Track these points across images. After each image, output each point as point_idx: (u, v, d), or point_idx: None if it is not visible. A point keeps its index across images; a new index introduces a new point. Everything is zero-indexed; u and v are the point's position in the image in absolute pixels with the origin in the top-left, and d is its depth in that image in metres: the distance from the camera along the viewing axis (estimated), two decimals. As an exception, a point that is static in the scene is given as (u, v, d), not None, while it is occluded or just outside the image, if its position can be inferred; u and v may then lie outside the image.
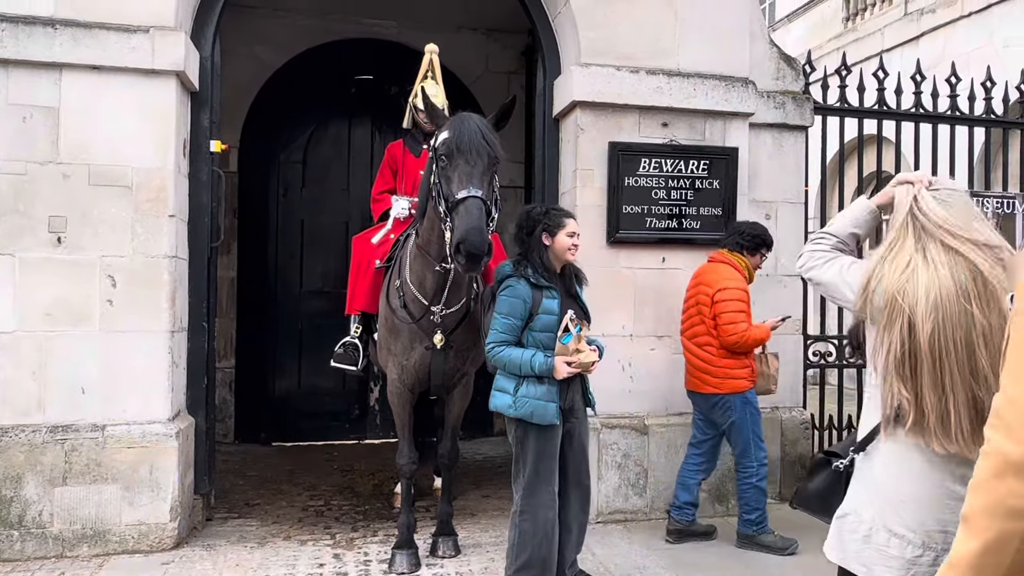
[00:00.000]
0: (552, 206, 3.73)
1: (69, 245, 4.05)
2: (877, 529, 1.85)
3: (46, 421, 4.03)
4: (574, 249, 3.42)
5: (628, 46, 4.74)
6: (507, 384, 3.34)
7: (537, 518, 3.29)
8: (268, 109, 6.91)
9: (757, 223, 4.52)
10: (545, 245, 3.37)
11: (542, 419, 3.26)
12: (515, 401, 3.28)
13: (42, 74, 4.04)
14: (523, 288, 3.29)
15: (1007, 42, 8.49)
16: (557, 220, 3.39)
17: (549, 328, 3.30)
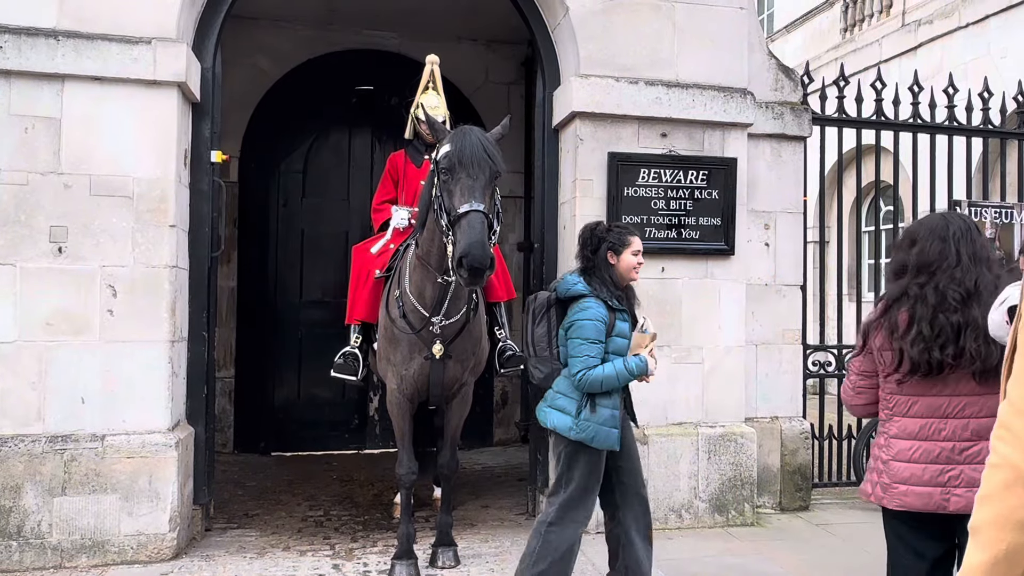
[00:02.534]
0: (616, 223, 3.62)
1: (70, 255, 4.06)
2: None
3: (46, 431, 4.02)
4: (639, 267, 3.37)
5: (627, 57, 4.77)
6: (567, 404, 3.25)
7: (566, 533, 3.25)
8: (269, 119, 6.93)
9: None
10: (610, 264, 3.31)
11: (603, 444, 3.21)
12: (577, 424, 3.20)
13: (44, 85, 4.06)
14: (602, 310, 3.21)
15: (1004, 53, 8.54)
16: (622, 238, 3.32)
17: (620, 352, 3.24)
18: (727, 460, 4.83)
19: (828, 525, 4.93)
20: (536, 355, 3.42)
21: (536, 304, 3.46)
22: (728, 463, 4.83)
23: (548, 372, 3.39)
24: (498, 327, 4.58)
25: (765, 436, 5.16)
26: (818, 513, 5.18)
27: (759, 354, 5.26)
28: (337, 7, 6.59)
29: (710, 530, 4.73)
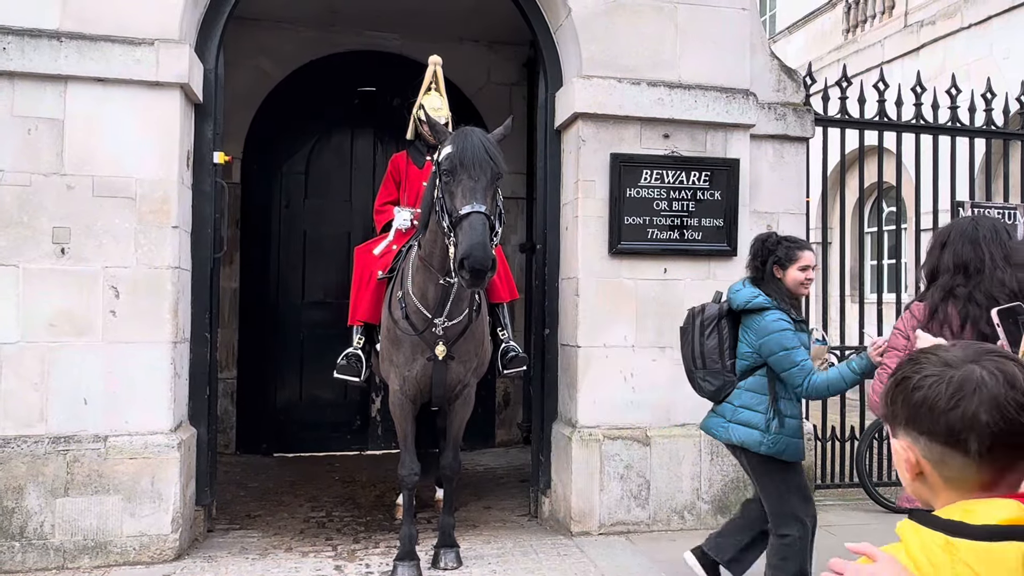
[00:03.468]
0: (787, 237, 3.43)
1: (72, 256, 4.07)
2: None
3: (48, 432, 4.02)
4: (807, 283, 3.29)
5: (629, 58, 4.77)
6: (753, 418, 3.20)
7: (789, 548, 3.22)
8: (271, 121, 6.94)
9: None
10: (776, 277, 3.26)
11: (793, 456, 3.21)
12: (765, 438, 3.17)
13: (47, 86, 4.07)
14: (787, 319, 3.18)
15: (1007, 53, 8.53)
16: (789, 253, 3.25)
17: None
18: (730, 462, 4.80)
19: (830, 526, 4.91)
20: (705, 367, 3.36)
21: (704, 316, 3.39)
22: (731, 464, 4.80)
23: (720, 385, 3.34)
24: (501, 328, 4.58)
25: (768, 437, 5.14)
26: (821, 515, 5.07)
27: (761, 355, 5.24)
28: (339, 8, 6.59)
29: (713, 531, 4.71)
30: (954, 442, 1.13)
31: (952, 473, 1.16)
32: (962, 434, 1.12)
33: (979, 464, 1.13)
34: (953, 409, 1.12)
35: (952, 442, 1.13)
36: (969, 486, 1.15)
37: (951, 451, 1.14)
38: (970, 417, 1.11)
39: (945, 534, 1.11)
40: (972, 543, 1.08)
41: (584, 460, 4.59)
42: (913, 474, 1.20)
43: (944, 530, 1.11)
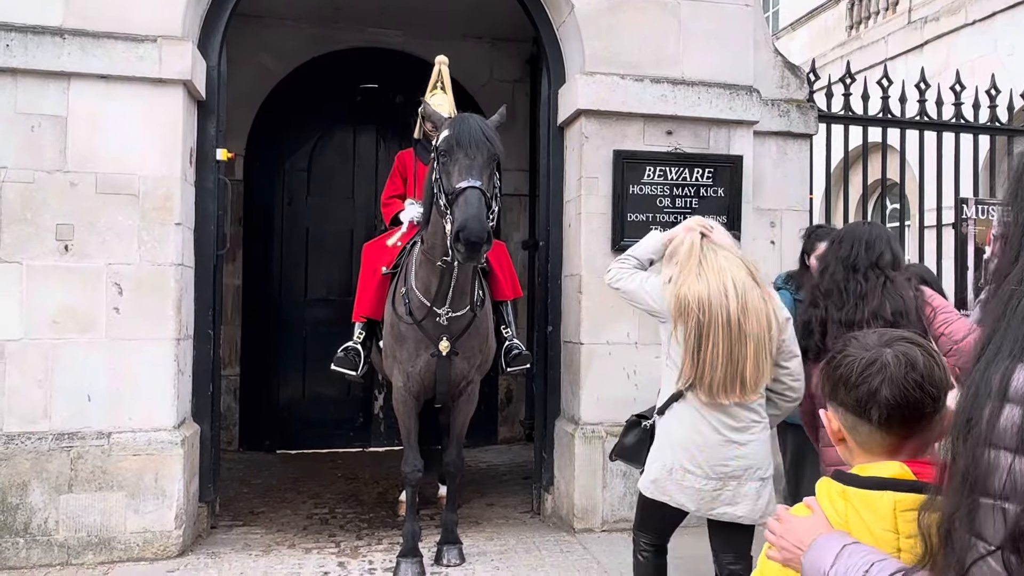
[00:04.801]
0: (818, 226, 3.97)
1: (76, 253, 4.07)
2: (675, 468, 2.68)
3: (52, 428, 4.03)
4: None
5: (632, 54, 4.76)
6: None
7: None
8: (273, 118, 6.94)
9: None
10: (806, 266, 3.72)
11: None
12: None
13: (50, 83, 4.07)
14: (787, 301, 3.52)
15: (1011, 50, 8.50)
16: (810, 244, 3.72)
17: None
18: (732, 458, 4.81)
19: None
20: None
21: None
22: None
23: None
24: (505, 326, 4.58)
25: (772, 435, 5.13)
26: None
27: (765, 352, 5.24)
28: (342, 5, 6.58)
29: (715, 528, 4.71)
30: (861, 411, 1.37)
31: (862, 439, 1.40)
32: (867, 405, 1.36)
33: (882, 431, 1.37)
34: (861, 384, 1.36)
35: (859, 411, 1.37)
36: (877, 450, 1.38)
37: (860, 420, 1.38)
38: (873, 391, 1.35)
39: (842, 484, 1.36)
40: (858, 491, 1.33)
41: (587, 457, 4.59)
42: (836, 439, 1.45)
43: (841, 481, 1.37)
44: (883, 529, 1.28)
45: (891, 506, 1.29)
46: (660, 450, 2.76)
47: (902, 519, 1.27)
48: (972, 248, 5.58)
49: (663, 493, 2.72)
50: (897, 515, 1.28)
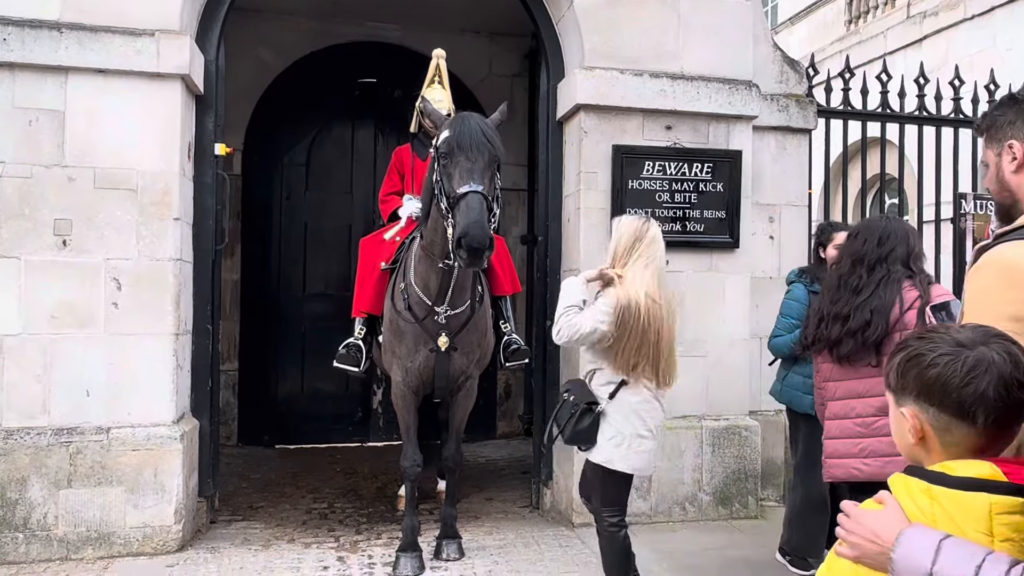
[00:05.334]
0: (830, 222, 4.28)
1: (74, 248, 4.06)
2: (632, 437, 3.17)
3: (51, 424, 4.03)
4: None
5: (632, 49, 4.75)
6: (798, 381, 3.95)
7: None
8: (272, 112, 6.92)
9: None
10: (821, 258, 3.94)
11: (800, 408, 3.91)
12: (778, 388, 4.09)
13: (48, 77, 4.05)
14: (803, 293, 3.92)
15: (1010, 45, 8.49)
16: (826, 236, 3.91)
17: None
18: (731, 453, 4.83)
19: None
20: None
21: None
22: (732, 456, 4.83)
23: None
24: (503, 321, 4.58)
25: (769, 429, 5.15)
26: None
27: (763, 347, 5.23)
28: (340, -1, 6.56)
29: (714, 523, 4.73)
30: (963, 414, 1.30)
31: (953, 440, 1.33)
32: (972, 408, 1.29)
33: (978, 433, 1.31)
34: (966, 386, 1.29)
35: (961, 414, 1.30)
36: (963, 451, 1.33)
37: (959, 422, 1.31)
38: (980, 394, 1.28)
39: (928, 482, 1.30)
40: (948, 490, 1.27)
41: (586, 452, 4.59)
42: (917, 439, 1.36)
43: (927, 479, 1.30)
44: (976, 531, 1.23)
45: (986, 508, 1.24)
46: (617, 425, 3.18)
47: (998, 521, 1.23)
48: (970, 243, 5.59)
49: (625, 462, 3.19)
50: (993, 517, 1.23)
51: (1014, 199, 1.69)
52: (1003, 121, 1.72)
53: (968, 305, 1.58)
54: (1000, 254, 1.57)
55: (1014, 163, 1.68)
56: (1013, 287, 1.50)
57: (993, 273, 1.56)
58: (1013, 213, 1.70)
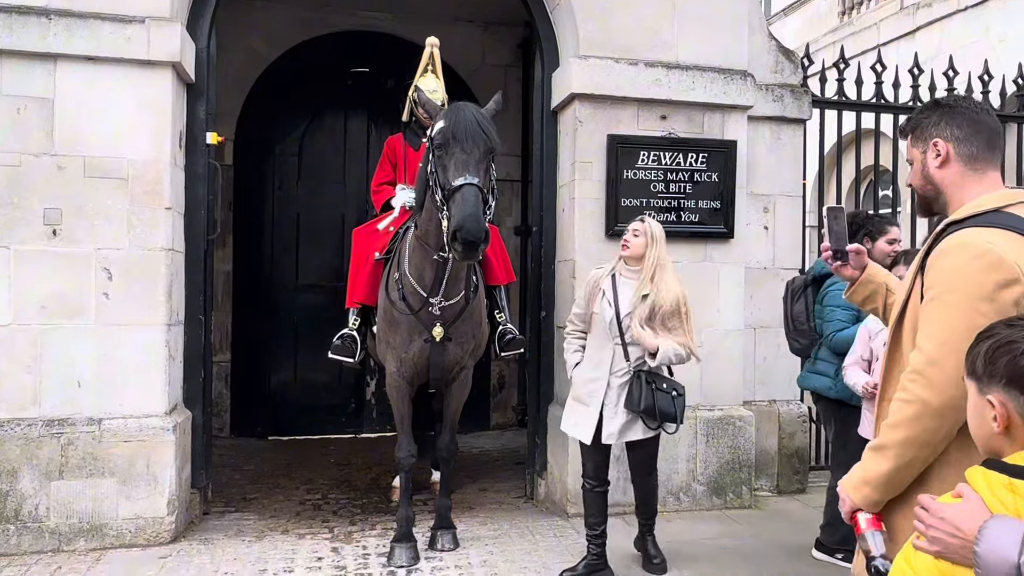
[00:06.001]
0: (876, 213, 4.14)
1: (64, 237, 4.02)
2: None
3: (42, 415, 4.00)
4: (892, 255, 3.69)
5: (627, 38, 4.72)
6: (827, 368, 3.84)
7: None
8: (263, 102, 6.87)
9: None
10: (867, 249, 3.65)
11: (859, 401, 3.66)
12: (836, 384, 3.78)
13: (36, 64, 4.00)
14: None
15: (1003, 36, 8.50)
16: (880, 227, 3.77)
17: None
18: (725, 443, 4.83)
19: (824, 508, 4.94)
20: (795, 329, 4.15)
21: (794, 285, 4.21)
22: (726, 446, 4.83)
23: (807, 344, 4.08)
24: (498, 311, 4.56)
25: (763, 419, 5.17)
26: (815, 496, 5.18)
27: (757, 338, 5.26)
28: (332, -13, 6.51)
29: (708, 512, 4.74)
30: None
31: None
32: None
33: None
34: None
35: None
36: None
37: None
38: None
39: (1010, 476, 1.28)
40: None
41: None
42: (1002, 427, 1.35)
43: (1010, 473, 1.29)
44: None
45: None
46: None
47: None
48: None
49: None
50: None
51: (937, 192, 1.86)
52: (928, 123, 1.88)
53: (940, 285, 1.66)
54: (973, 237, 1.67)
55: (938, 159, 1.84)
56: (990, 271, 1.60)
57: (969, 256, 1.64)
58: (935, 207, 1.88)
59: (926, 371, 1.63)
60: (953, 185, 1.83)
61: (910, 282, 1.81)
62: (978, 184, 1.81)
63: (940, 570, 1.30)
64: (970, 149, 1.82)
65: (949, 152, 1.83)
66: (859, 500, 1.73)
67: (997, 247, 1.62)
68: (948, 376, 1.60)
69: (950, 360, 1.59)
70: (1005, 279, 1.60)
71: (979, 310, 1.58)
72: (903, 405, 1.66)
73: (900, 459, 1.66)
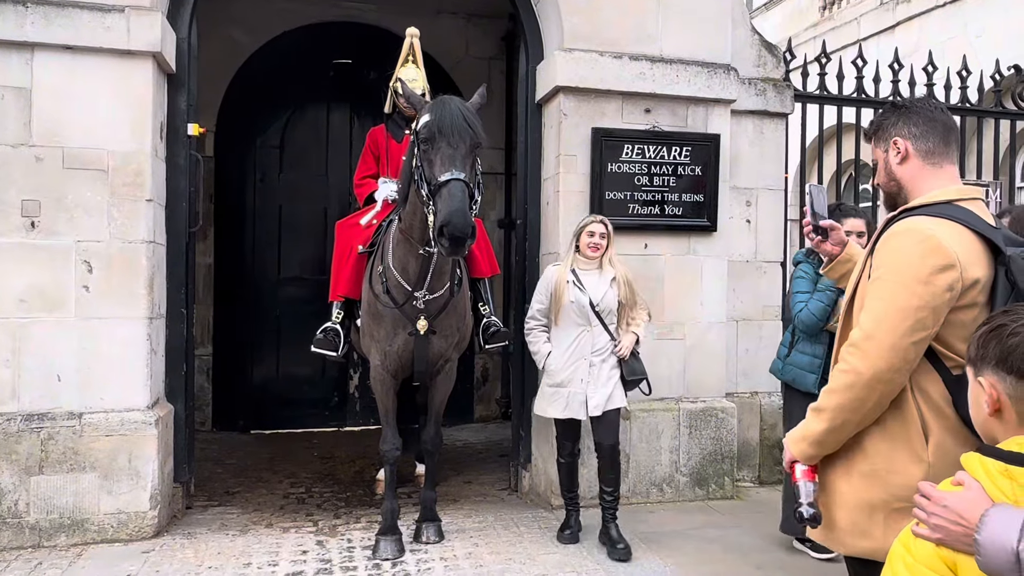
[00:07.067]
0: (840, 204, 4.11)
1: (43, 230, 3.96)
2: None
3: (21, 409, 3.95)
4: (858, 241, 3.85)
5: (612, 31, 4.73)
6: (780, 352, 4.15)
7: None
8: (244, 93, 6.80)
9: None
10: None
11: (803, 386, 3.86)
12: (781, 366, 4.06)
13: (13, 53, 3.94)
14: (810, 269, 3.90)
15: (980, 32, 8.60)
16: (837, 217, 3.81)
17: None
18: (708, 435, 4.87)
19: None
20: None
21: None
22: (709, 438, 4.87)
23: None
24: (482, 303, 4.56)
25: (745, 411, 5.22)
26: (796, 486, 5.25)
27: (740, 330, 5.30)
28: (314, -22, 6.44)
29: (691, 503, 4.78)
30: None
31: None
32: None
33: None
34: None
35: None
36: None
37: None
38: None
39: (1005, 463, 1.31)
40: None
41: (565, 434, 4.60)
42: (992, 410, 1.41)
43: (1005, 460, 1.32)
44: None
45: None
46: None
47: None
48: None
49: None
50: None
51: (900, 187, 2.00)
52: (888, 123, 2.01)
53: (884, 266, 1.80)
54: (918, 224, 1.81)
55: (899, 156, 1.98)
56: (928, 255, 1.74)
57: (912, 241, 1.79)
58: (899, 201, 2.00)
59: (862, 344, 1.77)
60: (913, 179, 1.96)
61: (862, 263, 1.96)
62: (935, 177, 1.94)
63: (941, 557, 1.32)
64: (927, 145, 1.95)
65: (908, 149, 1.96)
66: (797, 453, 1.92)
67: (938, 234, 1.76)
68: (881, 350, 1.74)
69: (884, 336, 1.74)
70: (942, 264, 1.73)
71: (915, 291, 1.72)
72: (840, 374, 1.82)
73: (832, 422, 1.83)
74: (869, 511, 1.83)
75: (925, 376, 1.79)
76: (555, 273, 4.04)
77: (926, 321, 1.73)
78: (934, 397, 1.79)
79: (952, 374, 1.77)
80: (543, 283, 4.09)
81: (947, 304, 1.74)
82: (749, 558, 3.94)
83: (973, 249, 1.77)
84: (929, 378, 1.79)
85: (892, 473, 1.80)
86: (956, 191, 1.90)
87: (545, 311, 4.04)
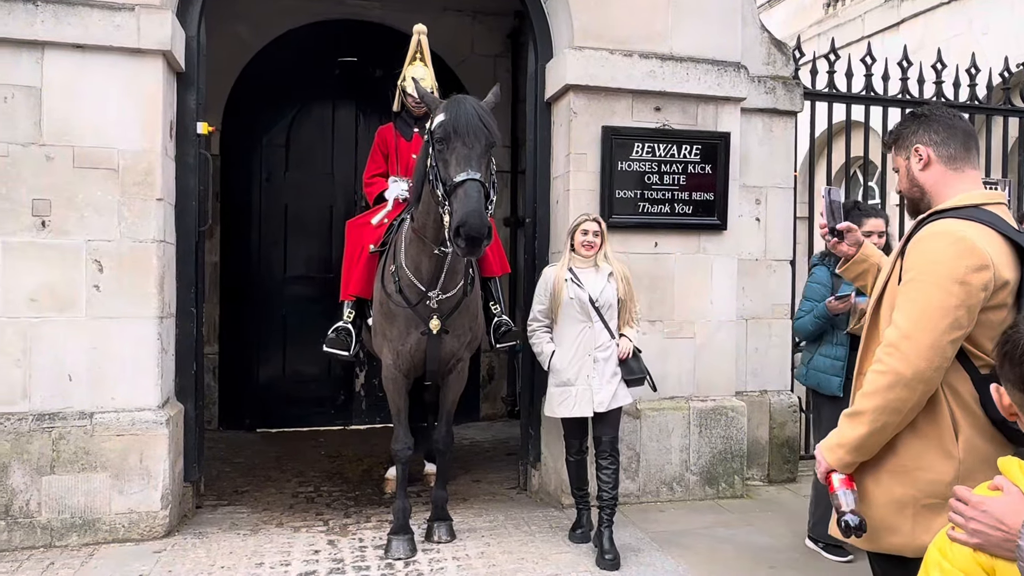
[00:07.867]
0: (858, 203, 4.10)
1: (54, 229, 3.95)
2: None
3: (32, 409, 3.94)
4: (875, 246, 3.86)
5: (622, 29, 4.71)
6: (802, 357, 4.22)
7: None
8: (250, 91, 6.78)
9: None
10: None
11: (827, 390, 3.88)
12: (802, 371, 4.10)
13: (23, 52, 3.92)
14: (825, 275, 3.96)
15: (986, 29, 8.58)
16: (857, 218, 3.78)
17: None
18: (718, 434, 4.87)
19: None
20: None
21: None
22: (719, 436, 4.87)
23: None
24: (493, 302, 4.56)
25: (755, 410, 5.21)
26: (805, 485, 5.23)
27: (749, 329, 5.30)
28: (320, -25, 6.42)
29: (701, 502, 4.78)
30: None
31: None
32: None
33: None
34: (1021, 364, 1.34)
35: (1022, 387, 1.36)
36: None
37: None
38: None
39: None
40: None
41: (575, 433, 4.60)
42: (1009, 415, 1.44)
43: None
44: None
45: None
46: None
47: None
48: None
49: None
50: None
51: (923, 193, 2.03)
52: (908, 132, 2.07)
53: (917, 267, 1.82)
54: (950, 226, 1.83)
55: (920, 163, 2.02)
56: (963, 256, 1.76)
57: (945, 243, 1.81)
58: (922, 207, 2.03)
59: (901, 344, 1.78)
60: (936, 185, 2.00)
61: (891, 265, 1.96)
62: (959, 182, 1.98)
63: (979, 562, 1.31)
64: (948, 151, 2.00)
65: (930, 155, 2.01)
66: (833, 462, 1.90)
67: (970, 235, 1.79)
68: (920, 350, 1.76)
69: (923, 335, 1.76)
70: (977, 264, 1.76)
71: (951, 291, 1.75)
72: (878, 376, 1.81)
73: (873, 424, 1.81)
74: (898, 507, 1.84)
75: (955, 375, 1.82)
76: (553, 273, 4.05)
77: (962, 320, 1.76)
78: (964, 395, 1.81)
79: (980, 373, 1.80)
80: (542, 284, 4.10)
81: (980, 304, 1.77)
82: (761, 558, 3.94)
83: (1002, 251, 1.81)
84: (959, 377, 1.81)
85: (921, 470, 1.82)
86: (982, 195, 1.94)
87: (546, 312, 4.04)
